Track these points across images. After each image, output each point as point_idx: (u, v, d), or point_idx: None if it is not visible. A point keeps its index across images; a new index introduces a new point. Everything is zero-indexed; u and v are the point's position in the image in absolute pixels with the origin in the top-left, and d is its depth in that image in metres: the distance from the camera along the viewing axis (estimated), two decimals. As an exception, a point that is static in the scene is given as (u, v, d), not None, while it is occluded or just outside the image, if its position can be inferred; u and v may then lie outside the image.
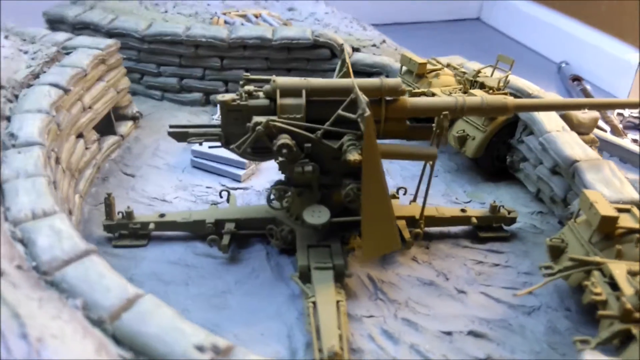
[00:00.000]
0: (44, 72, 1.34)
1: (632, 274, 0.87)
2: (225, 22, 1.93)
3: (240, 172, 1.38)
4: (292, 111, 1.00)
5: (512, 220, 1.21)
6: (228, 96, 1.02)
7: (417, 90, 1.41)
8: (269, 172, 1.42)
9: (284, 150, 0.98)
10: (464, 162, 1.48)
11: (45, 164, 0.99)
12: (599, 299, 0.86)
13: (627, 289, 0.84)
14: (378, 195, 0.94)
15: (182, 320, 0.64)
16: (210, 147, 1.05)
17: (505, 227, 1.22)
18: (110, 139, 1.49)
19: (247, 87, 1.03)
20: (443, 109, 1.03)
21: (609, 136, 1.64)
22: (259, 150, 1.04)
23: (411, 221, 1.16)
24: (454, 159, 1.51)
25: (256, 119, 0.99)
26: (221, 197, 1.24)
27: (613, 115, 1.90)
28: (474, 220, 1.19)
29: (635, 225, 0.95)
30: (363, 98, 0.91)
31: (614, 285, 0.88)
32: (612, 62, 2.14)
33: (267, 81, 1.05)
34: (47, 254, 0.73)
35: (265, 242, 1.16)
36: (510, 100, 1.07)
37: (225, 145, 1.06)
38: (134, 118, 1.62)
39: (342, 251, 1.07)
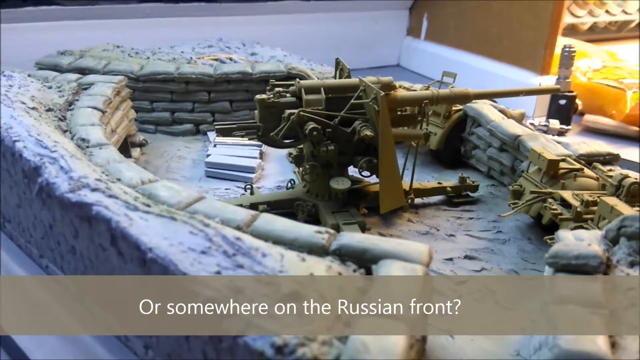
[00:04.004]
0: (76, 100, 1.55)
1: (575, 195, 1.24)
2: (203, 64, 2.21)
3: (251, 175, 1.64)
4: (315, 104, 1.31)
5: (476, 188, 1.57)
6: (264, 96, 1.31)
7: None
8: (273, 176, 1.69)
9: (314, 133, 1.27)
10: (425, 158, 1.84)
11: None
12: (556, 212, 1.21)
13: (575, 203, 1.20)
14: (392, 160, 1.25)
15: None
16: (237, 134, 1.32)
17: (470, 194, 1.57)
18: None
19: (277, 89, 1.33)
20: (424, 99, 1.38)
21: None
22: (287, 139, 1.33)
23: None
24: (418, 156, 1.86)
25: (289, 111, 1.29)
26: (245, 191, 1.49)
27: (526, 124, 2.36)
28: (449, 189, 1.53)
29: (572, 167, 1.33)
30: (374, 86, 1.24)
31: (564, 206, 1.24)
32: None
33: (289, 85, 1.35)
34: (174, 199, 0.96)
35: (290, 218, 1.41)
36: (470, 90, 1.45)
37: (260, 137, 1.33)
38: (141, 145, 1.84)
39: (358, 214, 1.36)
